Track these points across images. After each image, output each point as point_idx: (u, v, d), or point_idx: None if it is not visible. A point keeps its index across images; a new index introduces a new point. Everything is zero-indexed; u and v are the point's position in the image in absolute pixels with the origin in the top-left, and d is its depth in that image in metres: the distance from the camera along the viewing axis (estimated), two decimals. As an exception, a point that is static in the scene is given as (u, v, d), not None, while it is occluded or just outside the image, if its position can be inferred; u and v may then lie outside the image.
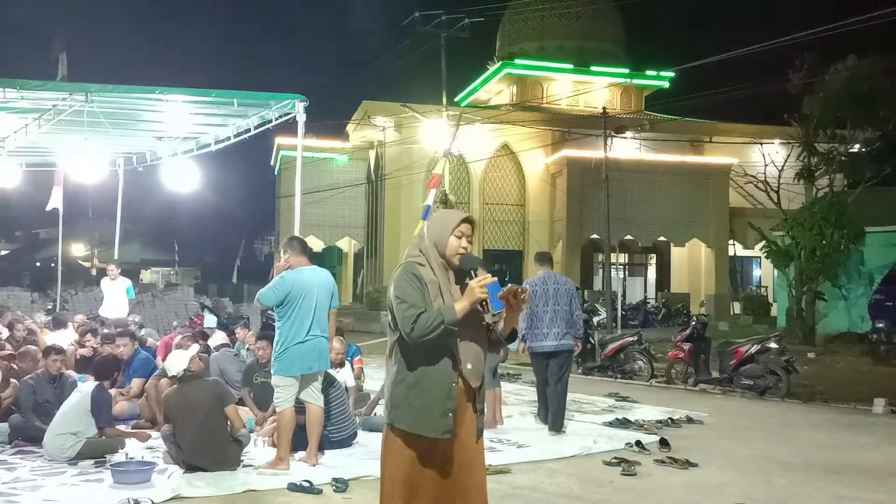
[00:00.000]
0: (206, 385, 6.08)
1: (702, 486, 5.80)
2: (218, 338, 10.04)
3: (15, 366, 7.63)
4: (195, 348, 6.56)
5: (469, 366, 3.19)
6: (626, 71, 34.44)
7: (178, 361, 6.05)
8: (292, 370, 5.94)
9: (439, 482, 3.16)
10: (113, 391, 7.19)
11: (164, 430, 6.18)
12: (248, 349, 8.89)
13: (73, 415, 6.13)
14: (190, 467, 5.77)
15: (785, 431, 8.19)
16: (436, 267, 3.23)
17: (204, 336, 9.25)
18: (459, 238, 3.24)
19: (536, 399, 8.23)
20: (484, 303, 3.13)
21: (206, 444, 5.78)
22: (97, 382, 6.44)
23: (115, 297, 12.33)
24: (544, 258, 8.19)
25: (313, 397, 6.09)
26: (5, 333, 9.35)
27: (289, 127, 10.49)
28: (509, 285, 3.25)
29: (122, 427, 6.98)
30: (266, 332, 7.94)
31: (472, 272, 3.19)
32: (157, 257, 56.13)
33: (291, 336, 5.94)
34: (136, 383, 7.91)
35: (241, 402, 7.43)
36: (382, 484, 3.24)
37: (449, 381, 3.15)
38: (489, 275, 3.17)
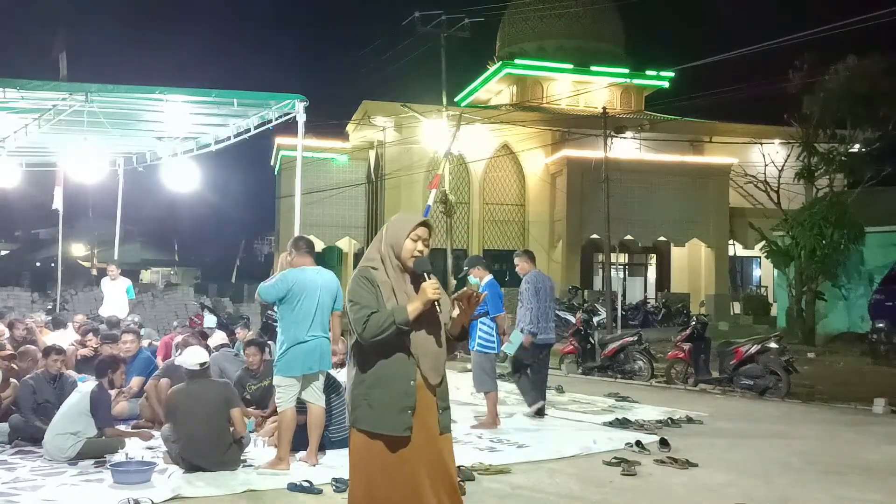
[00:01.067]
0: (214, 385, 6.10)
1: (702, 486, 5.80)
2: (218, 338, 10.04)
3: (15, 366, 7.62)
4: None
5: (427, 363, 3.23)
6: (626, 71, 34.44)
7: (194, 356, 6.08)
8: (293, 370, 5.95)
9: (406, 480, 3.17)
10: (113, 392, 7.19)
11: (164, 430, 6.19)
12: (248, 349, 8.88)
13: (72, 415, 6.13)
14: (190, 467, 5.77)
15: (785, 431, 8.19)
16: (390, 269, 3.28)
17: (204, 336, 9.25)
18: (415, 241, 3.29)
19: (523, 391, 8.49)
20: (437, 303, 3.18)
21: (208, 444, 5.78)
22: (97, 382, 6.45)
23: (115, 297, 12.34)
24: (532, 256, 8.66)
25: (315, 397, 6.09)
26: (6, 333, 9.34)
27: (289, 127, 10.50)
28: (465, 289, 3.32)
29: (121, 427, 6.98)
30: (256, 339, 7.94)
31: (424, 275, 3.22)
32: (157, 257, 56.11)
33: (292, 335, 5.95)
34: (135, 382, 7.90)
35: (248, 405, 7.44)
36: (350, 486, 3.28)
37: (406, 380, 3.19)
38: (435, 280, 3.23)
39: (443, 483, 3.23)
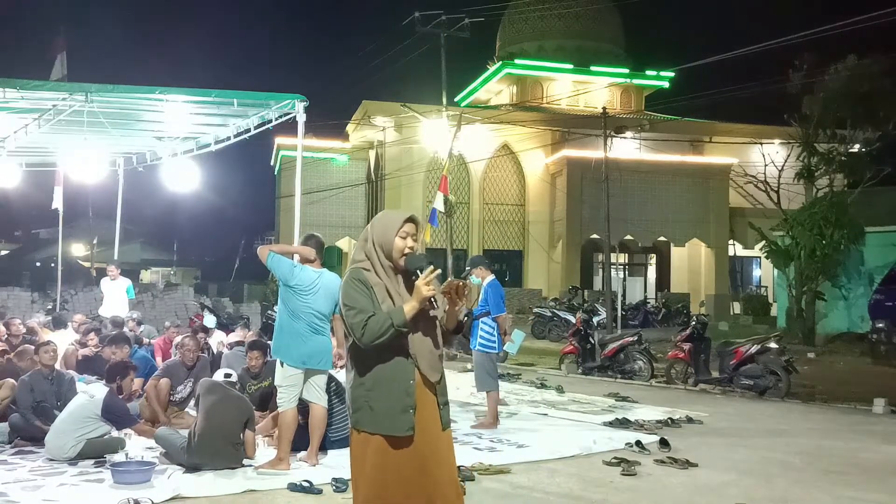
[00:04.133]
0: (241, 400, 6.21)
1: (702, 486, 5.80)
2: (220, 337, 10.05)
3: (15, 359, 7.63)
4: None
5: (425, 362, 3.21)
6: (626, 71, 34.46)
7: (222, 373, 6.45)
8: (291, 357, 5.92)
9: (409, 479, 3.16)
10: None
11: (160, 430, 6.21)
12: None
13: (78, 417, 6.11)
14: (190, 468, 5.77)
15: (785, 431, 8.19)
16: (381, 269, 3.23)
17: (204, 330, 9.25)
18: (404, 238, 3.24)
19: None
20: (433, 300, 3.15)
21: (217, 447, 5.80)
22: (107, 389, 6.45)
23: (115, 297, 12.33)
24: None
25: (317, 397, 6.09)
26: (5, 333, 9.35)
27: (289, 127, 10.50)
28: (449, 280, 3.25)
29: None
30: (259, 341, 7.93)
31: (417, 272, 3.18)
32: (157, 257, 56.06)
33: (284, 318, 6.00)
34: (135, 383, 7.87)
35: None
36: (355, 487, 3.25)
37: (406, 379, 3.17)
38: (438, 270, 3.17)
39: (447, 479, 3.22)
